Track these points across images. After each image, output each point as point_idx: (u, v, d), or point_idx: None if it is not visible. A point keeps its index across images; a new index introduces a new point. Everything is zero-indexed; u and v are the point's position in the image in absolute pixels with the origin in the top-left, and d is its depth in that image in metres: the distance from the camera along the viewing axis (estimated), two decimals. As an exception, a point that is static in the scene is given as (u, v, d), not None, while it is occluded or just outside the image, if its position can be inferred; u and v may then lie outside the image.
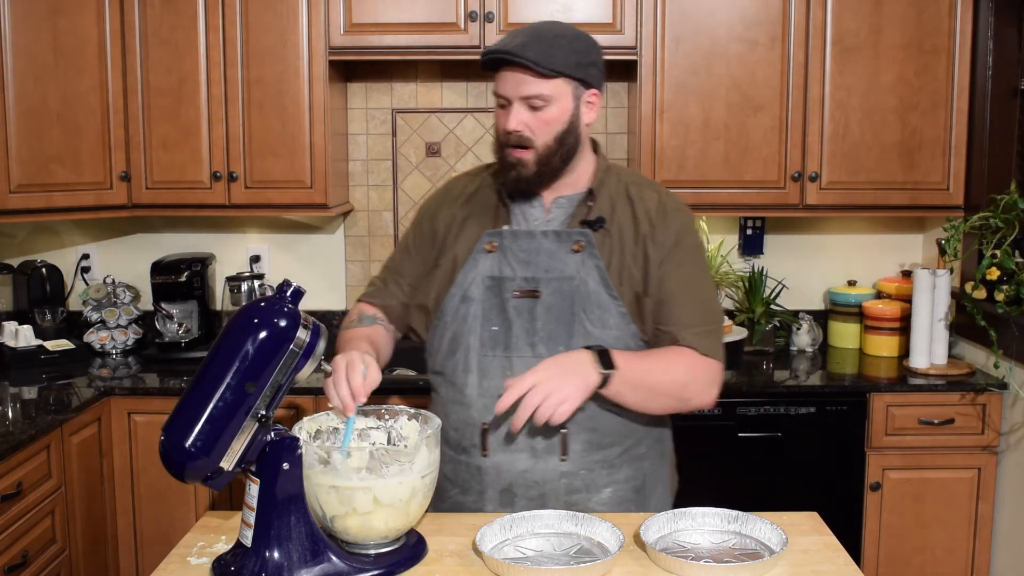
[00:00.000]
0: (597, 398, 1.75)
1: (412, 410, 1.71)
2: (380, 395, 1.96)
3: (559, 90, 1.76)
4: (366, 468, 1.53)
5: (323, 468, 1.53)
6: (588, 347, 1.73)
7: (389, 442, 1.67)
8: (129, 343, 3.41)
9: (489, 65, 1.79)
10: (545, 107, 1.76)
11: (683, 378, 1.81)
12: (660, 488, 1.97)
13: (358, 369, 1.64)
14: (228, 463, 1.47)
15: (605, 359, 1.71)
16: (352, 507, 1.53)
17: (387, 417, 1.71)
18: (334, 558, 1.52)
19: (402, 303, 1.98)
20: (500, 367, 1.81)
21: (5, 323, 3.27)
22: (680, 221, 1.87)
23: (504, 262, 1.83)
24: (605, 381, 1.70)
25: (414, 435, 1.68)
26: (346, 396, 1.62)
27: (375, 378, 1.67)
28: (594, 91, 1.84)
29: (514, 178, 1.80)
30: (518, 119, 1.76)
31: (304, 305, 1.56)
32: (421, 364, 2.06)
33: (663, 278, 1.82)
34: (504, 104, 1.78)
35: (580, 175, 1.87)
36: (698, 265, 1.88)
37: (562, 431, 1.81)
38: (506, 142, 1.79)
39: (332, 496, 1.53)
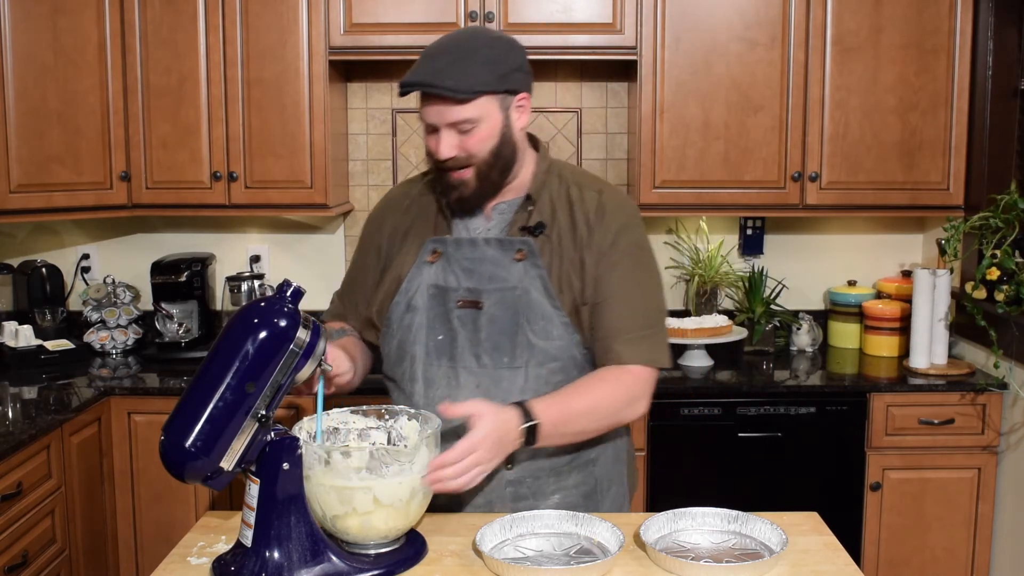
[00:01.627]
0: None
1: (412, 410, 1.71)
2: (377, 396, 1.96)
3: (485, 109, 1.71)
4: (366, 468, 1.54)
5: (323, 468, 1.53)
6: (518, 404, 1.68)
7: (389, 442, 1.67)
8: (129, 343, 3.41)
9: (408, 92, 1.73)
10: (474, 128, 1.71)
11: (609, 408, 1.78)
12: (615, 488, 1.95)
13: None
14: (228, 463, 1.47)
15: (526, 412, 1.66)
16: (352, 507, 1.53)
17: (387, 417, 1.71)
18: (334, 558, 1.52)
19: (359, 318, 1.97)
20: (446, 377, 1.80)
21: (5, 323, 3.27)
22: (619, 221, 1.82)
23: (448, 270, 1.81)
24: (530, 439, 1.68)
25: (414, 435, 1.68)
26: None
27: (341, 369, 1.71)
28: (522, 95, 1.77)
29: (457, 198, 1.78)
30: (449, 145, 1.72)
31: (304, 305, 1.55)
32: None
33: (597, 282, 1.80)
34: (432, 130, 1.74)
35: (522, 179, 1.84)
36: (636, 265, 1.84)
37: None
38: (442, 167, 1.75)
39: (332, 496, 1.53)
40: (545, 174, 1.85)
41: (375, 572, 1.55)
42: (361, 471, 1.53)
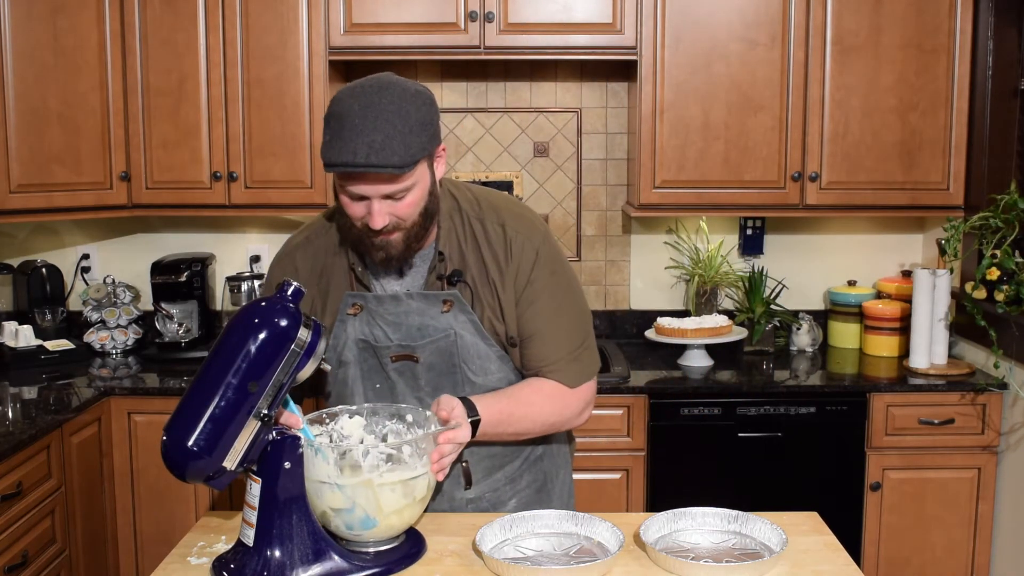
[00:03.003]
0: None
1: (352, 407, 1.72)
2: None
3: (418, 174, 1.64)
4: (366, 468, 1.54)
5: (323, 467, 1.53)
6: (464, 400, 1.71)
7: (331, 442, 1.66)
8: (129, 343, 3.41)
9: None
10: (407, 194, 1.64)
11: (547, 420, 1.83)
12: (562, 473, 1.99)
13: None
14: (231, 463, 1.47)
15: (471, 407, 1.70)
16: (352, 505, 1.53)
17: (327, 420, 1.69)
18: (336, 556, 1.53)
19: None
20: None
21: (5, 323, 3.27)
22: (527, 253, 1.78)
23: (373, 325, 1.78)
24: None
25: (357, 432, 1.67)
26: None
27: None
28: (442, 147, 1.72)
29: (383, 259, 1.70)
30: (382, 215, 1.63)
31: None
32: None
33: (521, 320, 1.80)
34: (358, 198, 1.64)
35: (431, 227, 1.77)
36: (553, 293, 1.81)
37: (462, 464, 1.82)
38: (370, 233, 1.66)
39: (336, 494, 1.53)
40: (448, 215, 1.79)
41: (376, 570, 1.55)
42: (360, 470, 1.54)
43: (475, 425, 1.70)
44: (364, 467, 1.53)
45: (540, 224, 1.85)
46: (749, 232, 3.53)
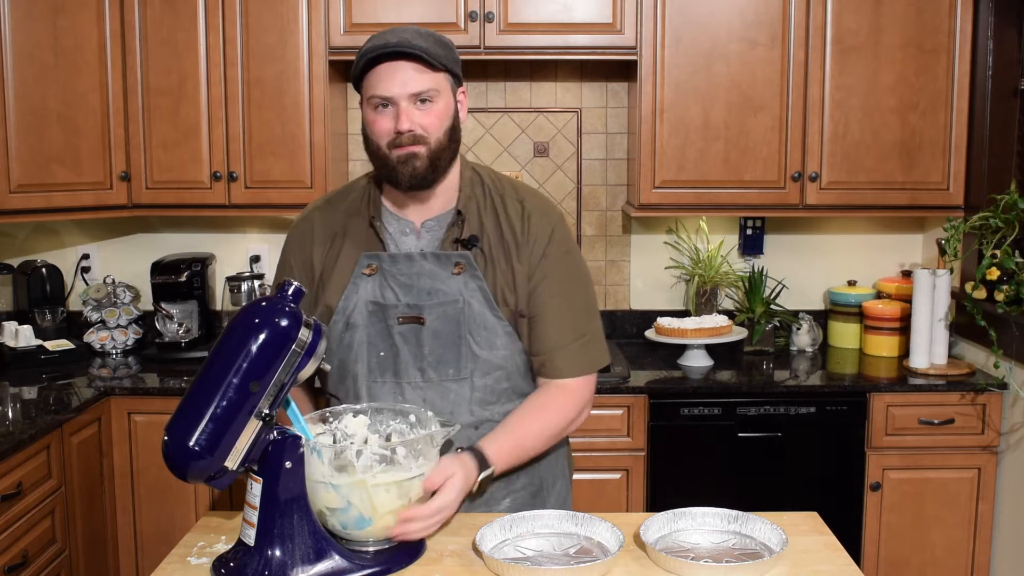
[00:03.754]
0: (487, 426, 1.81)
1: (356, 407, 1.72)
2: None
3: (443, 84, 1.74)
4: (359, 468, 1.53)
5: (318, 466, 1.53)
6: (474, 451, 1.70)
7: (335, 443, 1.66)
8: (129, 343, 3.41)
9: (371, 64, 1.70)
10: (433, 104, 1.72)
11: (555, 429, 1.83)
12: (559, 483, 1.97)
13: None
14: (232, 462, 1.47)
15: (482, 460, 1.70)
16: (347, 505, 1.53)
17: (331, 419, 1.70)
18: (337, 556, 1.53)
19: None
20: (391, 393, 1.80)
21: (5, 323, 3.27)
22: (544, 230, 1.82)
23: (385, 286, 1.79)
24: (487, 476, 1.71)
25: (361, 431, 1.67)
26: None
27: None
28: (463, 88, 1.82)
29: (410, 172, 1.72)
30: (410, 118, 1.70)
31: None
32: None
33: (531, 296, 1.81)
34: (383, 105, 1.71)
35: (449, 186, 1.82)
36: (565, 274, 1.83)
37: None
38: (396, 143, 1.71)
39: (331, 493, 1.53)
40: (470, 185, 1.84)
41: (376, 569, 1.55)
42: (358, 470, 1.53)
43: (488, 474, 1.70)
44: (358, 467, 1.53)
45: (557, 208, 1.90)
46: (749, 232, 3.53)
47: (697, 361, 3.22)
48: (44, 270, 3.38)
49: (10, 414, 2.73)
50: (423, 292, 1.78)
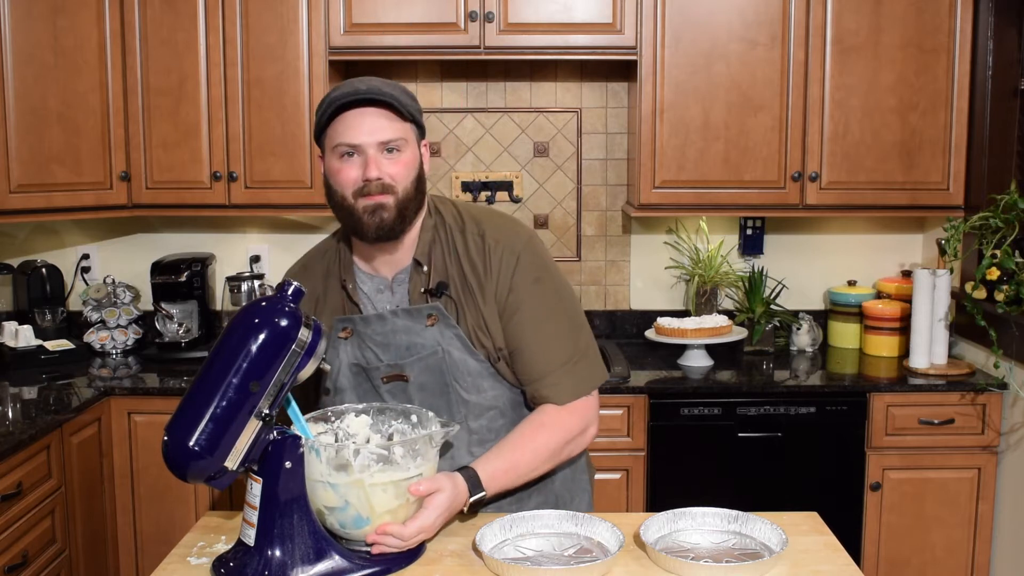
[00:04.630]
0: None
1: (358, 406, 1.72)
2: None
3: (410, 135, 1.73)
4: (356, 467, 1.53)
5: (316, 465, 1.53)
6: (467, 471, 1.68)
7: (336, 442, 1.66)
8: (129, 343, 3.41)
9: (339, 111, 1.68)
10: (401, 152, 1.70)
11: (554, 451, 1.78)
12: (577, 500, 1.94)
13: None
14: (232, 463, 1.47)
15: (475, 482, 1.67)
16: (344, 504, 1.53)
17: (333, 419, 1.70)
18: (337, 556, 1.53)
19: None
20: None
21: (5, 323, 3.27)
22: (507, 261, 1.77)
23: (364, 347, 1.78)
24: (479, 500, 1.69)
25: (363, 431, 1.67)
26: None
27: None
28: (425, 142, 1.80)
29: (376, 224, 1.70)
30: (379, 166, 1.68)
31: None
32: None
33: (508, 330, 1.77)
34: (348, 154, 1.69)
35: (414, 237, 1.79)
36: (540, 301, 1.79)
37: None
38: (363, 191, 1.69)
39: (329, 492, 1.53)
40: (432, 229, 1.81)
41: (376, 569, 1.55)
42: (357, 470, 1.53)
43: (478, 501, 1.67)
44: (355, 467, 1.53)
45: (524, 232, 1.83)
46: (749, 232, 3.53)
47: (697, 361, 3.22)
48: (44, 270, 3.38)
49: (10, 414, 2.73)
50: (401, 349, 1.77)
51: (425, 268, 1.78)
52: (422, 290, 1.78)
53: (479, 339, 1.77)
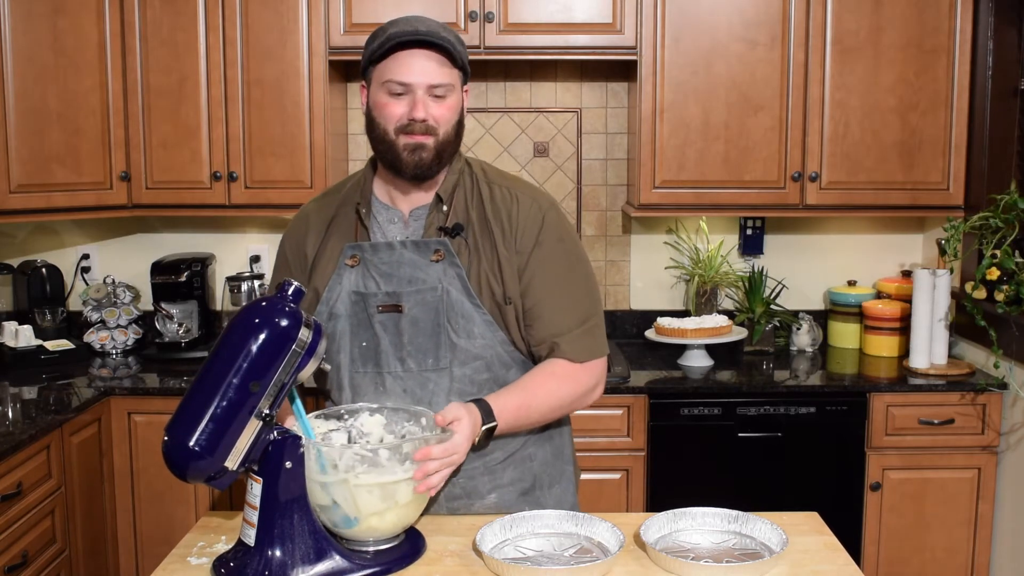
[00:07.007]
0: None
1: (372, 406, 1.72)
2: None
3: (457, 81, 1.76)
4: (341, 467, 1.53)
5: (311, 462, 1.53)
6: (479, 402, 1.71)
7: (350, 441, 1.66)
8: (129, 343, 3.41)
9: (394, 48, 1.71)
10: (447, 97, 1.74)
11: (566, 396, 1.81)
12: (557, 488, 1.94)
13: None
14: (232, 463, 1.47)
15: (487, 412, 1.70)
16: (332, 503, 1.53)
17: (346, 417, 1.70)
18: (337, 556, 1.53)
19: None
20: (372, 383, 1.80)
21: (5, 323, 3.27)
22: (536, 218, 1.81)
23: (367, 275, 1.80)
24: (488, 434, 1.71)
25: (377, 430, 1.67)
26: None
27: None
28: (466, 88, 1.83)
29: (415, 162, 1.74)
30: (426, 107, 1.72)
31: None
32: None
33: (528, 285, 1.79)
34: (400, 93, 1.72)
35: (440, 176, 1.83)
36: (563, 261, 1.83)
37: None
38: (407, 129, 1.73)
39: (319, 490, 1.53)
40: (459, 174, 1.84)
41: (376, 569, 1.55)
42: (358, 470, 1.53)
43: (490, 431, 1.70)
44: (340, 467, 1.53)
45: (550, 196, 1.89)
46: (749, 232, 3.53)
47: (697, 361, 3.22)
48: (44, 270, 3.38)
49: (10, 414, 2.73)
50: (403, 280, 1.79)
51: (445, 207, 1.81)
52: (438, 227, 1.80)
53: (489, 284, 1.79)
